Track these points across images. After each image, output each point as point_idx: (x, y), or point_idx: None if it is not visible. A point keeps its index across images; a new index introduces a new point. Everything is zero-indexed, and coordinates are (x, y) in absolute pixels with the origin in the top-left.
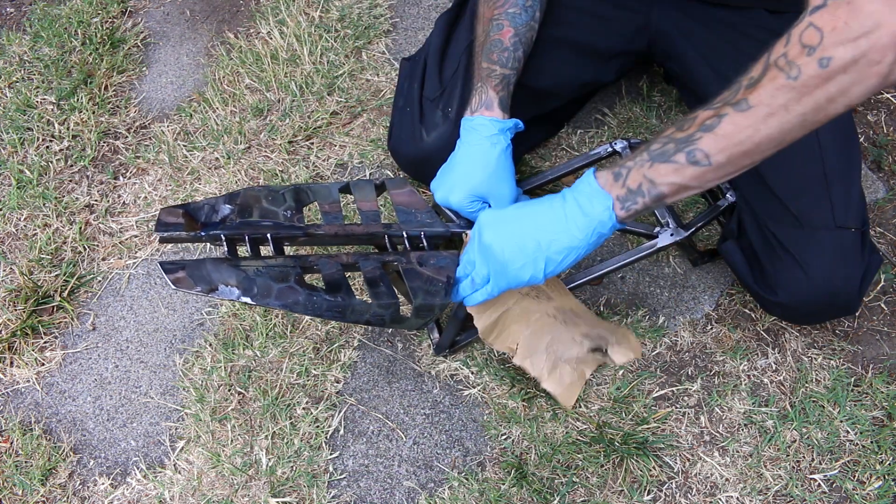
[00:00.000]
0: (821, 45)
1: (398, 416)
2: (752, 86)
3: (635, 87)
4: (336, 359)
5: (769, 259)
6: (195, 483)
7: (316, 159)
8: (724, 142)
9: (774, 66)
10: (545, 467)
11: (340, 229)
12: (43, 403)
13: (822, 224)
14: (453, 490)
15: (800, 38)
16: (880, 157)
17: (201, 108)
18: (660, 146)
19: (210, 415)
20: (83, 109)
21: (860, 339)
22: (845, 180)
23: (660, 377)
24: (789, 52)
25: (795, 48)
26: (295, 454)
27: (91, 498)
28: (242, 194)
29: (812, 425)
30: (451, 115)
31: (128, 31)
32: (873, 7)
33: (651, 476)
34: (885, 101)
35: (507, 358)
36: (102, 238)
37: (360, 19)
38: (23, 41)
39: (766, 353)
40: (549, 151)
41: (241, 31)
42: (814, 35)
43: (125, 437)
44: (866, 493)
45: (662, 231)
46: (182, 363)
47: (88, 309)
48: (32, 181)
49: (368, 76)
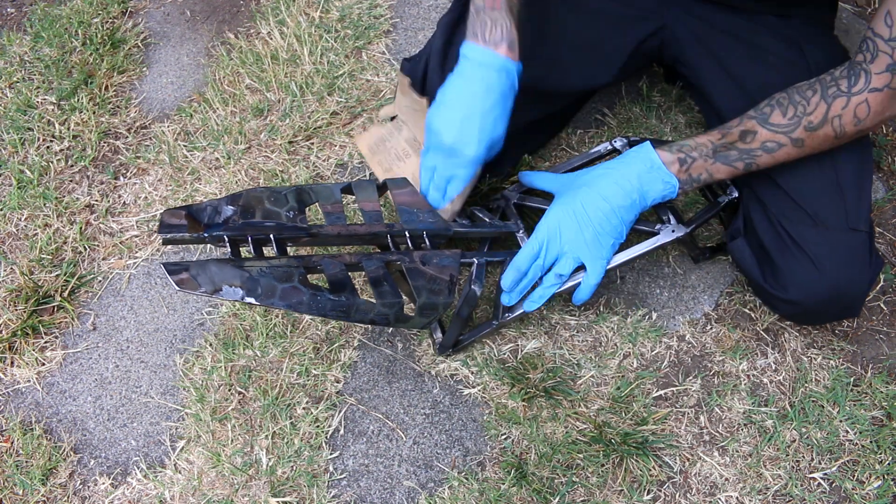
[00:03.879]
0: (864, 120)
1: (398, 416)
2: (811, 130)
3: (635, 88)
4: (336, 359)
5: (782, 256)
6: (195, 483)
7: (316, 159)
8: (773, 162)
9: (830, 125)
10: (545, 467)
11: (343, 229)
12: (43, 403)
13: (836, 225)
14: (453, 490)
15: (855, 108)
16: (880, 157)
17: (201, 108)
18: (724, 149)
19: (210, 415)
20: (84, 109)
21: (860, 339)
22: (857, 184)
23: (660, 377)
24: (844, 116)
25: (850, 116)
26: (295, 454)
27: (91, 498)
28: (245, 195)
29: (811, 425)
30: None
31: (128, 31)
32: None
33: (651, 476)
34: None
35: (506, 358)
36: (103, 238)
37: (360, 19)
38: (23, 41)
39: (765, 352)
40: (549, 151)
41: (242, 31)
42: (864, 111)
43: (125, 436)
44: (866, 493)
45: (663, 227)
46: (182, 363)
47: (89, 309)
48: (33, 181)
49: (368, 76)
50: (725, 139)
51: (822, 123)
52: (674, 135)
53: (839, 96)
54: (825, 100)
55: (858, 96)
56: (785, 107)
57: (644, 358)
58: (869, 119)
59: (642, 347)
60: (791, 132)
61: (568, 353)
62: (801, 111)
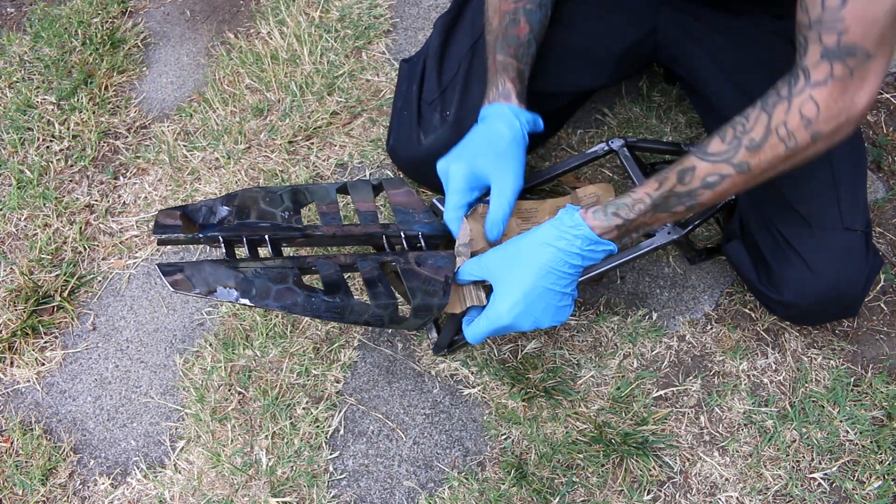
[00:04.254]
0: (815, 121)
1: (398, 416)
2: (753, 149)
3: (635, 88)
4: (336, 359)
5: (776, 259)
6: (195, 483)
7: (316, 159)
8: (720, 196)
9: (776, 135)
10: (545, 467)
11: (338, 230)
12: (43, 403)
13: (830, 225)
14: (453, 490)
15: (800, 110)
16: (880, 157)
17: (201, 108)
18: (663, 199)
19: (210, 415)
20: (83, 109)
21: (860, 339)
22: (853, 183)
23: (660, 377)
24: (789, 121)
25: (795, 119)
26: (295, 454)
27: (91, 498)
28: (240, 196)
29: (812, 425)
30: (448, 117)
31: (128, 31)
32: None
33: (651, 476)
34: (884, 102)
35: (506, 358)
36: (102, 238)
37: (360, 19)
38: (23, 41)
39: (765, 353)
40: (549, 151)
41: (242, 31)
42: (812, 109)
43: (125, 436)
44: (866, 493)
45: (659, 229)
46: (182, 363)
47: (88, 309)
48: (33, 181)
49: (368, 76)
50: (663, 187)
51: (766, 137)
52: (674, 135)
53: (779, 103)
54: (765, 110)
55: (800, 96)
56: (724, 131)
57: (644, 358)
58: (821, 119)
59: (642, 347)
60: (732, 157)
61: (568, 353)
62: (740, 131)
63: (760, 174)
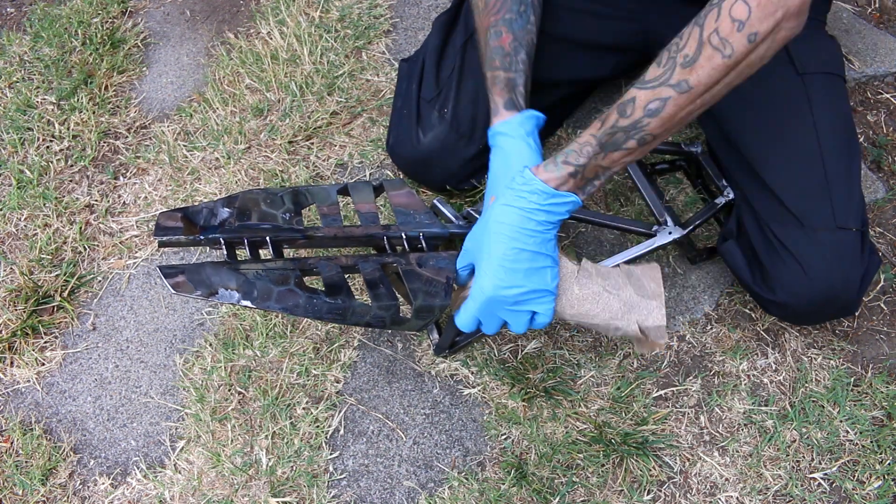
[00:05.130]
0: (749, 21)
1: (398, 416)
2: (688, 65)
3: None
4: (336, 359)
5: (769, 258)
6: (195, 483)
7: (316, 159)
8: (668, 122)
9: (709, 45)
10: (545, 467)
11: (339, 231)
12: (43, 403)
13: (822, 224)
14: (453, 490)
15: (730, 12)
16: (880, 157)
17: (201, 108)
18: (608, 137)
19: (210, 415)
20: (83, 109)
21: (860, 339)
22: (846, 181)
23: (660, 377)
24: (721, 27)
25: (726, 23)
26: (295, 454)
27: (91, 498)
28: (241, 197)
29: (812, 425)
30: (447, 116)
31: (128, 31)
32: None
33: (651, 476)
34: (884, 102)
35: (506, 358)
36: (102, 238)
37: (360, 19)
38: (23, 41)
39: (765, 353)
40: (549, 151)
41: (242, 31)
42: (742, 10)
43: (125, 436)
44: (866, 493)
45: (660, 229)
46: (182, 363)
47: (88, 309)
48: (33, 181)
49: (368, 76)
50: (606, 124)
51: (700, 50)
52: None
53: (709, 11)
54: (697, 24)
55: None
56: (660, 56)
57: (644, 358)
58: (755, 18)
59: None
60: (669, 79)
61: (568, 353)
62: (674, 50)
63: (705, 91)
